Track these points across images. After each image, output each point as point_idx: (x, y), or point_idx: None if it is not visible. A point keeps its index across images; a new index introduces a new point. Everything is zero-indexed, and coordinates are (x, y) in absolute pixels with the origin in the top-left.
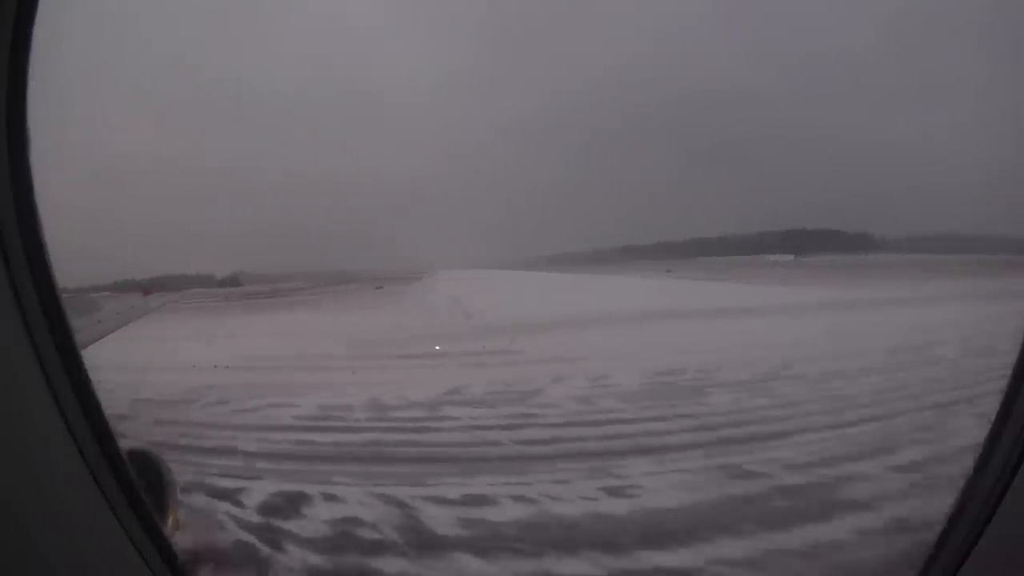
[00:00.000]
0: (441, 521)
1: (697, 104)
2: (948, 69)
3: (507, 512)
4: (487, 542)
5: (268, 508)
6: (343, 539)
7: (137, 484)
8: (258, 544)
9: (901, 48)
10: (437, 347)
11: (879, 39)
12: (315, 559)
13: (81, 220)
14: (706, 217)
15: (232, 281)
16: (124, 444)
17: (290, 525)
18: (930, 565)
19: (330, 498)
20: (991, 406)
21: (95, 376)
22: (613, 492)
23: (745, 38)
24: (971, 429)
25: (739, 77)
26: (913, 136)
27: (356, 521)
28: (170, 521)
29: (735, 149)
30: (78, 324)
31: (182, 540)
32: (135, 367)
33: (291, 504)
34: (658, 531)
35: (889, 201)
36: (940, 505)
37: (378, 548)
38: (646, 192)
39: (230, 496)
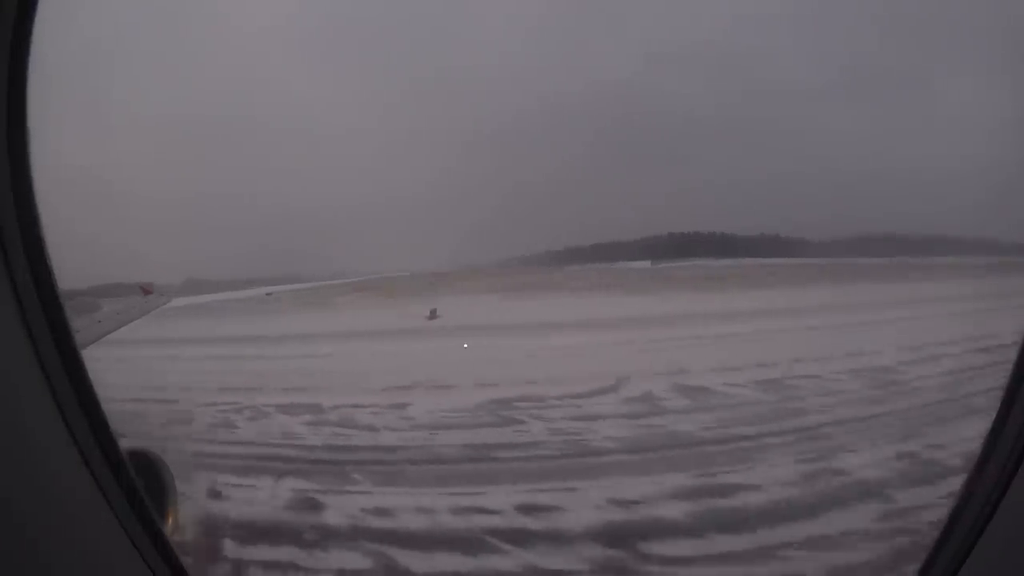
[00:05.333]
0: None
1: (585, 103)
2: (851, 68)
3: None
4: None
5: None
6: None
7: (137, 484)
8: None
9: (792, 44)
10: None
11: (769, 35)
12: None
13: (81, 220)
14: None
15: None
16: (124, 444)
17: None
18: (930, 565)
19: None
20: None
21: (95, 376)
22: None
23: (617, 32)
24: None
25: (620, 74)
26: (818, 136)
27: None
28: (170, 521)
29: (621, 151)
30: (78, 324)
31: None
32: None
33: None
34: None
35: (786, 204)
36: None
37: None
38: (534, 199)
39: None
